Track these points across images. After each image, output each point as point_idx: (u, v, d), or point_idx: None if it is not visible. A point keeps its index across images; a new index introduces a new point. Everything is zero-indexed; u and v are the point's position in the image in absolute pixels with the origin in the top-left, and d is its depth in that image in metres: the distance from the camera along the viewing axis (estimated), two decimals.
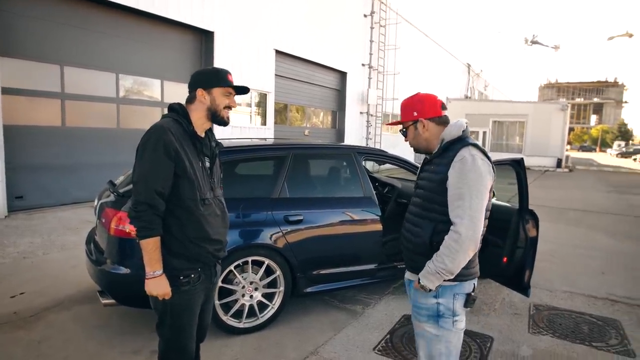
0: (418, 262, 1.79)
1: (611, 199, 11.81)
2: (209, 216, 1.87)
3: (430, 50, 23.88)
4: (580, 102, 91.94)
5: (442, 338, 1.79)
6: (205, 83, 1.88)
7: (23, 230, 5.91)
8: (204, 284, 1.93)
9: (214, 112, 1.88)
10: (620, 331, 3.43)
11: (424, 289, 1.74)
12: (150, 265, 1.76)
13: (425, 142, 1.87)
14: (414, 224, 1.85)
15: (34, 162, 7.28)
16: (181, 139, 1.80)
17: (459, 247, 1.63)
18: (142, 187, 1.73)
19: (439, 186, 1.74)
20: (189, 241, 1.82)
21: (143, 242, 1.74)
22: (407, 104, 1.89)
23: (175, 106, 1.90)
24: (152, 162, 1.73)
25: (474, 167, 1.67)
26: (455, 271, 1.68)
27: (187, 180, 1.79)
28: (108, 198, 3.25)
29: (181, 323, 1.89)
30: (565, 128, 22.94)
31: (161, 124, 1.79)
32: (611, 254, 5.80)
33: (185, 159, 1.78)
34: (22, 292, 3.79)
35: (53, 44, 7.43)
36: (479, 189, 1.66)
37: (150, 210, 1.72)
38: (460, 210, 1.65)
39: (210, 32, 10.03)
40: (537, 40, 60.41)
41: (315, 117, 15.91)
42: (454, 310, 1.78)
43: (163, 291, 1.78)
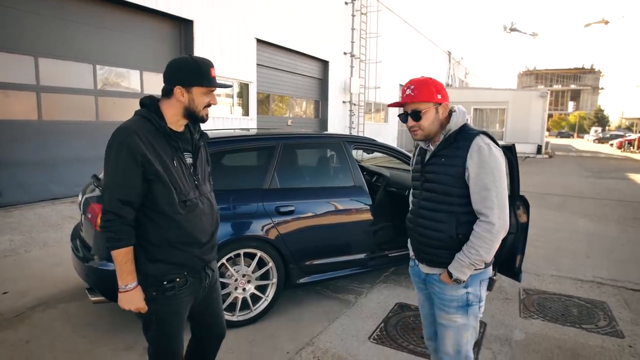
0: (442, 256, 1.78)
1: (591, 183, 12.10)
2: (193, 218, 1.73)
3: (411, 38, 23.89)
4: (558, 89, 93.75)
5: (469, 326, 1.81)
6: (184, 81, 1.67)
7: (2, 227, 5.71)
8: (193, 288, 1.78)
9: (192, 112, 1.71)
10: (608, 313, 3.51)
11: (457, 282, 1.74)
12: (122, 278, 1.63)
13: (438, 128, 1.78)
14: (432, 219, 1.80)
15: (10, 157, 7.02)
16: (151, 139, 1.63)
17: (493, 237, 1.65)
18: (107, 196, 1.61)
19: (456, 179, 1.72)
20: (171, 246, 1.69)
21: (113, 253, 1.62)
22: (429, 83, 1.75)
23: (146, 101, 1.73)
24: (116, 169, 1.59)
25: (491, 155, 1.67)
26: (489, 260, 1.72)
27: (162, 184, 1.64)
28: (93, 193, 3.15)
29: (169, 329, 1.77)
30: (545, 115, 23.34)
31: (127, 125, 1.64)
32: (594, 238, 5.94)
33: (156, 161, 1.62)
34: (5, 292, 3.66)
35: (26, 35, 7.13)
36: (500, 177, 1.67)
37: (118, 220, 1.59)
38: (488, 201, 1.65)
39: (190, 20, 9.79)
40: (515, 27, 61.05)
41: (298, 107, 15.79)
42: (480, 297, 1.81)
43: (136, 306, 1.66)
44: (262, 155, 3.44)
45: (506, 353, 2.85)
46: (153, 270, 1.68)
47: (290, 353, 2.80)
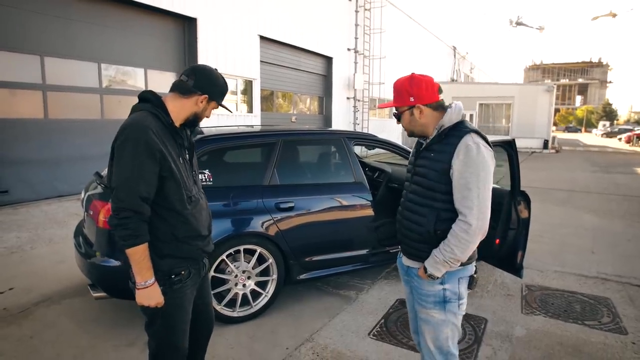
0: (420, 250, 1.79)
1: (597, 178, 11.99)
2: (196, 213, 1.80)
3: (415, 33, 23.76)
4: (565, 83, 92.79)
5: (448, 322, 1.81)
6: (214, 95, 1.79)
7: (9, 224, 5.78)
8: (194, 279, 1.85)
9: (196, 119, 1.81)
10: (611, 309, 3.48)
11: (431, 278, 1.75)
12: (141, 275, 1.64)
13: (421, 128, 1.82)
14: (415, 212, 1.82)
15: (17, 156, 7.10)
16: (162, 135, 1.66)
17: (469, 237, 1.64)
18: (124, 194, 1.59)
19: (441, 175, 1.72)
20: (179, 241, 1.74)
21: (130, 250, 1.61)
22: (403, 87, 1.79)
23: (149, 96, 1.75)
24: (135, 166, 1.59)
25: (478, 155, 1.65)
26: (464, 260, 1.71)
27: (174, 181, 1.69)
28: (95, 190, 3.18)
29: (173, 322, 1.80)
30: (551, 109, 23.11)
31: (140, 121, 1.64)
32: (599, 233, 5.89)
33: (170, 158, 1.66)
34: (11, 288, 3.71)
35: (32, 34, 7.19)
36: (485, 178, 1.65)
37: (136, 217, 1.60)
38: (468, 201, 1.64)
39: (193, 18, 9.80)
40: (521, 21, 60.47)
41: (302, 104, 15.78)
42: (459, 294, 1.80)
43: (156, 301, 1.68)
44: (262, 151, 3.45)
45: (506, 349, 2.85)
46: (162, 265, 1.70)
47: (290, 349, 2.81)
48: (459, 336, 1.89)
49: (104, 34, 8.30)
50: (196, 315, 1.99)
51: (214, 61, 10.48)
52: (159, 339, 1.83)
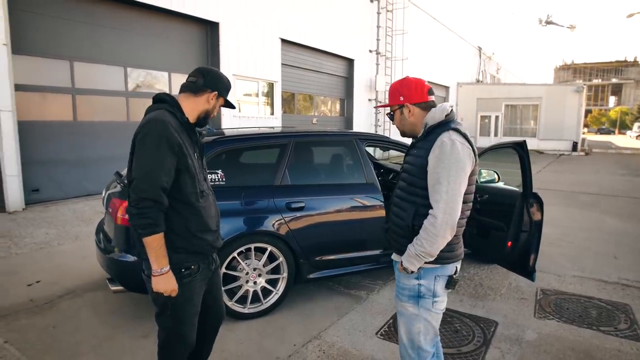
0: (402, 244, 1.83)
1: (626, 182, 11.58)
2: (207, 207, 1.89)
3: (439, 34, 23.48)
4: (598, 84, 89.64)
5: (420, 317, 1.85)
6: (222, 90, 1.93)
7: (39, 222, 6.07)
8: (204, 273, 1.93)
9: (207, 115, 1.94)
10: (630, 315, 3.39)
11: (406, 271, 1.80)
12: (158, 263, 1.72)
13: (410, 127, 1.90)
14: (399, 207, 1.88)
15: (48, 156, 7.44)
16: (179, 131, 1.78)
17: (436, 231, 1.67)
18: (146, 184, 1.68)
19: (420, 171, 1.77)
20: (191, 235, 1.83)
21: (148, 239, 1.69)
22: (394, 88, 1.91)
23: (165, 97, 1.86)
24: (156, 158, 1.69)
25: (452, 151, 1.68)
26: (435, 254, 1.73)
27: (189, 175, 1.79)
28: (115, 189, 3.32)
29: (182, 314, 1.88)
30: (581, 110, 22.43)
31: (160, 117, 1.75)
32: (624, 238, 5.71)
33: (186, 152, 1.78)
34: (38, 281, 3.91)
35: (62, 41, 7.53)
36: (457, 173, 1.67)
37: (156, 207, 1.68)
38: (437, 194, 1.68)
39: (215, 23, 10.03)
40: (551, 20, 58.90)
41: (323, 106, 15.85)
42: (434, 292, 1.83)
43: (171, 287, 1.76)
44: (274, 152, 3.53)
45: (515, 353, 2.82)
46: (175, 258, 1.78)
47: (297, 345, 2.87)
48: (434, 334, 1.90)
49: (130, 39, 8.60)
50: (205, 309, 2.06)
51: (236, 64, 10.69)
52: (168, 329, 1.91)
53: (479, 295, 3.72)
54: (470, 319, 3.26)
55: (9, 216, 6.38)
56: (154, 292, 1.80)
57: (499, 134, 24.09)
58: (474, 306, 3.51)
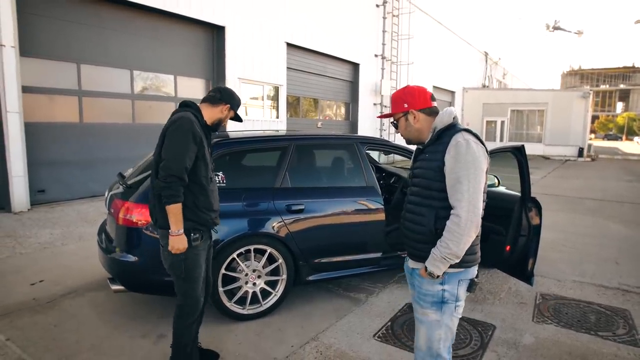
0: (423, 250, 1.82)
1: (632, 188, 11.50)
2: (213, 191, 2.43)
3: (445, 39, 23.49)
4: (605, 89, 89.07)
5: (442, 323, 1.84)
6: (234, 104, 2.50)
7: (44, 222, 6.15)
8: (206, 243, 2.45)
9: (220, 122, 2.50)
10: (629, 321, 3.38)
11: (431, 276, 1.78)
12: (175, 225, 2.22)
13: (416, 133, 1.92)
14: (415, 213, 1.88)
15: (54, 157, 7.54)
16: (200, 129, 2.31)
17: (461, 230, 1.68)
18: (175, 164, 2.17)
19: (436, 173, 1.78)
20: (199, 210, 2.32)
21: (171, 207, 2.18)
22: (397, 96, 1.94)
23: (190, 103, 2.42)
24: (185, 145, 2.20)
25: (468, 150, 1.71)
26: (461, 254, 1.73)
27: (204, 162, 2.32)
28: (117, 190, 3.37)
29: (193, 276, 2.36)
30: (588, 116, 22.31)
31: (188, 116, 2.29)
32: (627, 244, 5.68)
33: (205, 145, 2.31)
34: (42, 280, 3.97)
35: (70, 43, 7.64)
36: (475, 172, 1.70)
37: (179, 182, 2.18)
38: (458, 194, 1.69)
39: (221, 26, 10.12)
40: (559, 25, 58.61)
41: (328, 109, 15.90)
42: (457, 296, 1.83)
43: (184, 245, 2.25)
44: (275, 155, 3.56)
45: (511, 356, 2.82)
46: (186, 225, 2.27)
47: (295, 347, 2.89)
48: (452, 341, 1.90)
49: (136, 42, 8.70)
50: None
51: (242, 68, 10.77)
52: (185, 293, 2.38)
53: (477, 299, 3.72)
54: (468, 323, 3.27)
55: (15, 216, 6.47)
56: (170, 258, 2.30)
57: (504, 139, 24.01)
58: (473, 310, 3.51)
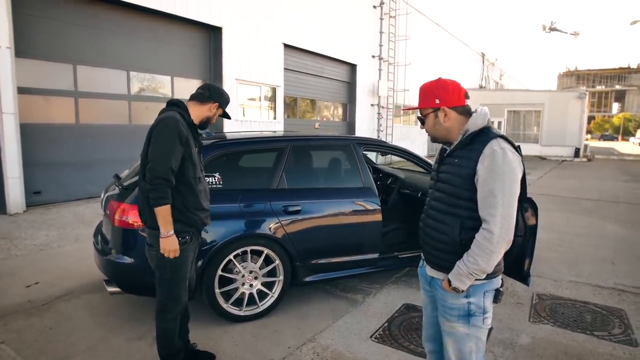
0: (445, 260, 1.73)
1: (628, 188, 11.55)
2: (202, 191, 2.40)
3: (442, 40, 23.56)
4: (601, 90, 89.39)
5: (472, 336, 1.75)
6: (222, 103, 2.47)
7: (40, 224, 6.12)
8: (194, 244, 2.43)
9: (208, 121, 2.47)
10: (624, 320, 3.39)
11: (455, 291, 1.69)
12: (165, 227, 2.20)
13: (445, 132, 1.76)
14: (438, 220, 1.77)
15: (50, 158, 7.51)
16: (186, 129, 2.27)
17: (493, 247, 1.57)
18: (160, 165, 2.14)
19: (466, 182, 1.66)
20: (187, 210, 2.30)
21: (159, 209, 2.16)
22: (429, 89, 1.77)
23: (177, 102, 2.38)
24: (170, 146, 2.17)
25: (505, 161, 1.58)
26: (489, 271, 1.64)
27: (191, 162, 2.29)
28: (113, 191, 3.36)
29: (178, 276, 2.35)
30: (584, 116, 22.39)
31: (174, 116, 2.24)
32: (622, 244, 5.70)
33: (191, 145, 2.28)
34: (37, 282, 3.95)
35: (66, 44, 7.61)
36: (511, 184, 1.59)
37: (165, 184, 2.16)
38: (492, 208, 1.58)
39: (218, 27, 10.11)
40: (555, 27, 58.76)
41: (326, 110, 15.91)
42: (484, 308, 1.73)
43: (175, 247, 2.23)
44: (272, 156, 3.56)
45: (508, 356, 2.82)
46: (175, 227, 2.24)
47: (292, 348, 2.88)
48: (484, 350, 1.81)
49: (133, 43, 8.68)
50: None
51: (239, 69, 10.77)
52: (167, 291, 2.36)
53: None
54: None
55: (10, 218, 6.43)
56: (156, 257, 2.28)
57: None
58: None
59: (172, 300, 2.38)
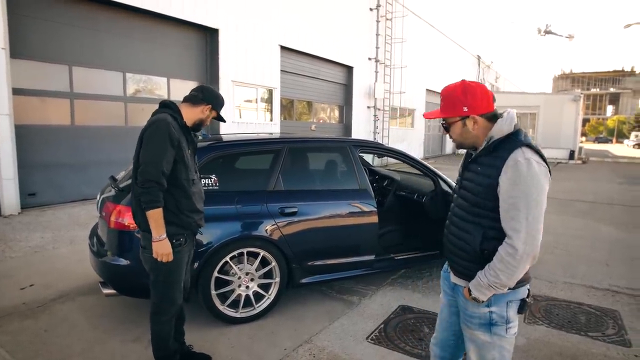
0: (468, 268, 1.70)
1: (622, 190, 11.64)
2: (196, 193, 2.39)
3: (438, 42, 23.66)
4: (595, 93, 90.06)
5: (494, 345, 1.69)
6: (215, 105, 2.44)
7: (35, 225, 6.09)
8: (189, 246, 2.42)
9: (201, 123, 2.44)
10: (618, 321, 3.42)
11: (475, 301, 1.65)
12: (157, 230, 2.18)
13: (474, 139, 1.69)
14: (460, 228, 1.73)
15: (45, 160, 7.47)
16: (178, 131, 2.25)
17: (516, 263, 1.51)
18: (152, 168, 2.13)
19: (488, 191, 1.60)
20: (181, 213, 2.29)
21: (150, 212, 2.15)
22: (455, 96, 1.67)
23: (169, 104, 2.35)
24: (161, 149, 2.15)
25: (529, 173, 1.50)
26: (511, 285, 1.58)
27: (184, 165, 2.27)
28: (109, 193, 3.35)
29: (172, 279, 2.34)
30: (578, 119, 22.56)
31: (165, 118, 2.22)
32: (617, 246, 5.75)
33: (183, 147, 2.26)
34: (32, 284, 3.93)
35: (61, 45, 7.59)
36: (537, 198, 1.50)
37: (157, 187, 2.14)
38: (515, 222, 1.50)
39: (215, 29, 10.11)
40: (550, 30, 59.08)
41: (322, 112, 15.93)
42: (507, 318, 1.67)
43: (167, 251, 2.21)
44: (268, 158, 3.56)
45: None
46: (168, 230, 2.23)
47: (288, 350, 2.89)
48: (510, 358, 1.73)
49: (129, 45, 8.67)
50: None
51: (235, 70, 10.77)
52: (161, 293, 2.36)
53: None
54: None
55: (5, 220, 6.39)
56: (150, 260, 2.25)
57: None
58: None
59: (166, 303, 2.37)
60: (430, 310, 3.52)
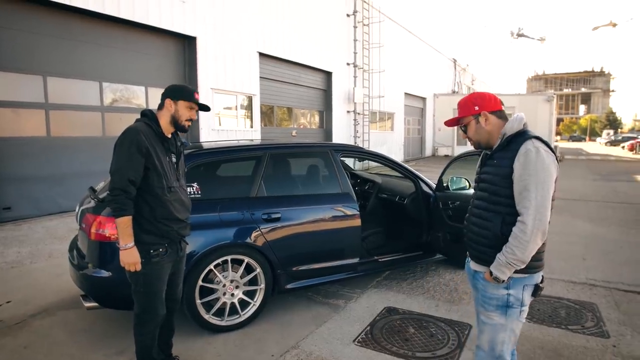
0: (487, 254, 1.86)
1: (597, 186, 12.00)
2: (174, 201, 2.33)
3: (415, 47, 24.02)
4: (568, 93, 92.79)
5: (506, 327, 1.87)
6: (174, 95, 2.33)
7: (11, 240, 5.91)
8: (171, 257, 2.38)
9: (176, 120, 2.35)
10: (596, 314, 3.53)
11: (496, 281, 1.81)
12: (123, 239, 2.16)
13: (487, 136, 1.92)
14: (482, 218, 1.91)
15: (20, 173, 7.27)
16: (151, 139, 2.24)
17: (527, 237, 1.70)
18: (117, 177, 2.14)
19: (504, 180, 1.81)
20: (157, 221, 2.26)
21: (118, 220, 2.15)
22: (467, 101, 1.96)
23: (147, 112, 2.36)
24: (127, 157, 2.14)
25: (538, 158, 1.73)
26: (526, 260, 1.75)
27: (156, 172, 2.23)
28: (89, 204, 3.29)
29: (153, 289, 2.32)
30: (552, 119, 23.18)
31: (135, 126, 2.22)
32: (592, 240, 5.93)
33: (154, 155, 2.22)
34: (9, 301, 3.81)
35: (35, 55, 7.42)
36: (544, 180, 1.72)
37: (124, 195, 2.13)
38: (526, 201, 1.72)
39: (193, 37, 10.05)
40: (523, 33, 60.90)
41: (302, 118, 15.96)
42: (522, 301, 1.85)
43: (133, 260, 2.18)
44: (250, 164, 3.56)
45: None
46: (145, 238, 2.23)
47: (275, 356, 2.88)
48: (514, 343, 1.94)
49: (106, 54, 8.53)
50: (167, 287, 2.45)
51: (214, 78, 10.71)
52: (143, 304, 2.34)
53: (454, 300, 3.80)
54: (445, 323, 3.34)
55: None
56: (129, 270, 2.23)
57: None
58: (449, 311, 3.58)
59: (148, 314, 2.35)
60: (415, 311, 3.57)
